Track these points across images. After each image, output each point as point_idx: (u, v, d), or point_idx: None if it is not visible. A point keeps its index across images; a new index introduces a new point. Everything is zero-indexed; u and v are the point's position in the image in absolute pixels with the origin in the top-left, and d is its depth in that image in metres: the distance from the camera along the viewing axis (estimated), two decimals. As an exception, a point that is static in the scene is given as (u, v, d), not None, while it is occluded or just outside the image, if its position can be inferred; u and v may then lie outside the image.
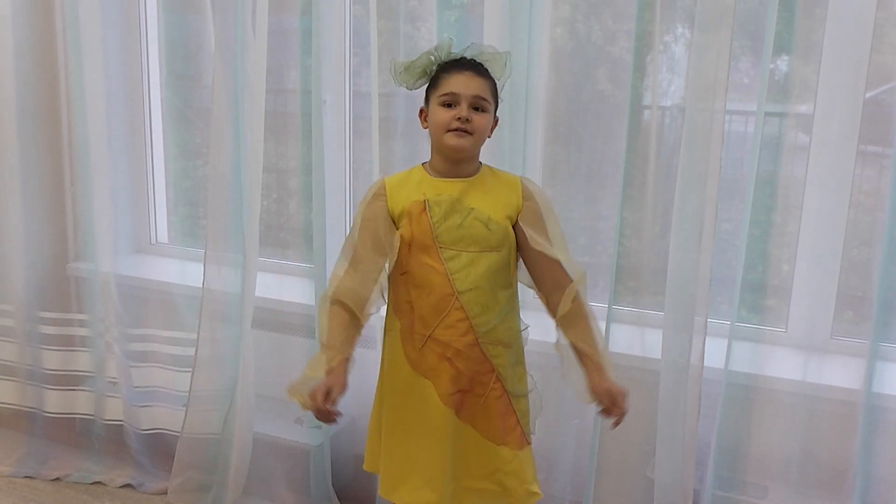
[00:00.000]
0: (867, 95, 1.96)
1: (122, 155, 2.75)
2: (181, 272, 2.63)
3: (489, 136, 1.77)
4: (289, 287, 2.51)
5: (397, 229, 1.74)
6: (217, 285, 2.39)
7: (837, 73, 1.97)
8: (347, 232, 1.84)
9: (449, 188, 1.73)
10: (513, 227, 1.74)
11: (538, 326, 1.83)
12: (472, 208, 1.72)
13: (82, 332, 2.76)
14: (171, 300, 2.62)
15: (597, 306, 2.11)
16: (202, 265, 2.38)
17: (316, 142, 2.26)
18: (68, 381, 2.78)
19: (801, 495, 2.00)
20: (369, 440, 1.91)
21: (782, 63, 1.99)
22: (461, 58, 1.75)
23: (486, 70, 1.76)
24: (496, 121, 1.80)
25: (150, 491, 2.62)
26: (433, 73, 1.76)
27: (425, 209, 1.72)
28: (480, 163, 1.80)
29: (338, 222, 2.44)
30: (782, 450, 2.02)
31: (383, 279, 1.78)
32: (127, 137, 2.78)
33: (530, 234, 1.73)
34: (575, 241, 2.26)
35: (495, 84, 1.77)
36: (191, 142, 2.64)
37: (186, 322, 2.59)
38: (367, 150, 2.26)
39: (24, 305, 2.75)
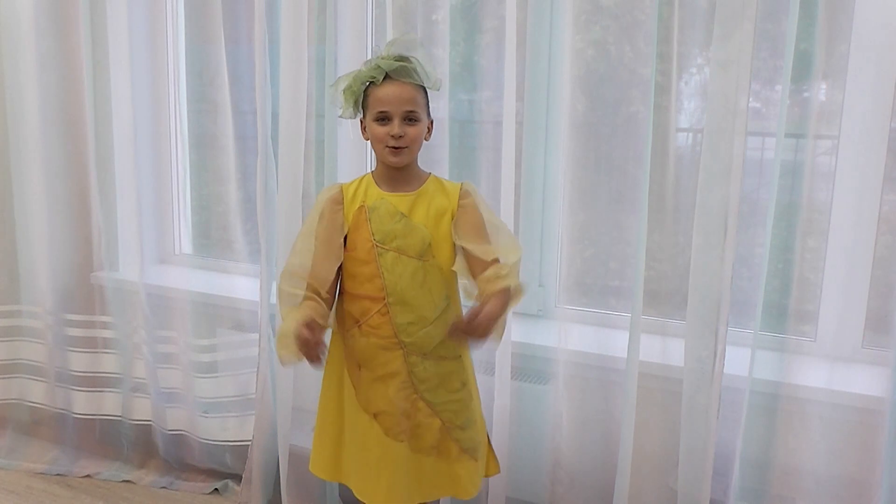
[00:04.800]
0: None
1: (148, 167, 2.77)
2: (205, 282, 2.70)
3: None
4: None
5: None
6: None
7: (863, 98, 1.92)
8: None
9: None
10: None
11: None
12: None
13: (107, 334, 2.80)
14: (194, 308, 2.66)
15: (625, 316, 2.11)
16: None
17: (329, 165, 2.31)
18: (95, 382, 2.82)
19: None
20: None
21: (807, 88, 1.94)
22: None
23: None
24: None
25: (180, 490, 2.67)
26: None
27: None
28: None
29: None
30: (810, 461, 1.98)
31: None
32: (153, 151, 2.79)
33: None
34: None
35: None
36: (213, 160, 2.69)
37: (209, 329, 2.64)
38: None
39: (52, 307, 2.80)
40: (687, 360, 1.99)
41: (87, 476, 2.74)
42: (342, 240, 1.83)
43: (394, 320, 1.80)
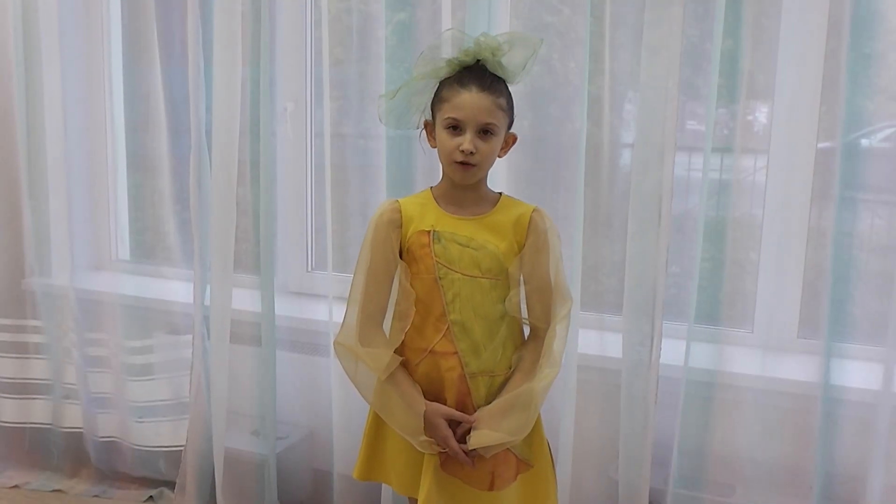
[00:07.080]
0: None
1: (82, 170, 2.69)
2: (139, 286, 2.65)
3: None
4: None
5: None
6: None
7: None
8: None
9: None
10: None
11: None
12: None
13: (37, 339, 2.70)
14: (126, 312, 2.60)
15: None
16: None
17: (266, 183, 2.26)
18: (25, 389, 2.72)
19: (767, 492, 1.99)
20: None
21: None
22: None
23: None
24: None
25: (113, 498, 2.59)
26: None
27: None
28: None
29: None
30: (747, 448, 2.00)
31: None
32: (87, 154, 2.70)
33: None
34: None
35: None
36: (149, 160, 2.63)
37: (142, 332, 2.59)
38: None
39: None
40: (625, 350, 1.99)
41: (16, 486, 2.64)
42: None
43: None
